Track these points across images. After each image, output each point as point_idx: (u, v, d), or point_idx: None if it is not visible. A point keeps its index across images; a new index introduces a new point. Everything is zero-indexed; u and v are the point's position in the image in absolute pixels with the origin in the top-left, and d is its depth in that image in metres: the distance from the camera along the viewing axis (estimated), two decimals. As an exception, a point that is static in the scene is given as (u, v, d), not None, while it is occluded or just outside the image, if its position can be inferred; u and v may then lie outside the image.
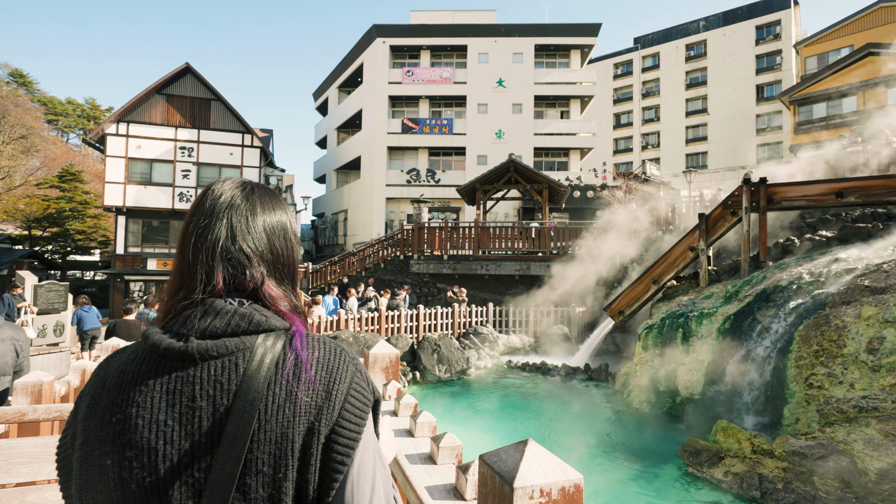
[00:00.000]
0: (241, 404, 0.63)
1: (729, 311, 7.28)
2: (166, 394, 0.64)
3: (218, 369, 0.65)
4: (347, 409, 0.67)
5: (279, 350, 0.67)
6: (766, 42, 39.59)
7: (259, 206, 0.76)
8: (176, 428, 0.62)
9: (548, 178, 16.13)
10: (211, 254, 0.71)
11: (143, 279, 23.46)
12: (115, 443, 0.62)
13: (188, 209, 0.82)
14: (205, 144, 23.64)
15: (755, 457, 5.19)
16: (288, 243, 0.78)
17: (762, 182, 9.03)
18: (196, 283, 0.70)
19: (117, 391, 0.65)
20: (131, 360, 0.68)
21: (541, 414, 8.49)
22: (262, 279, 0.73)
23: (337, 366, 0.69)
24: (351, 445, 0.66)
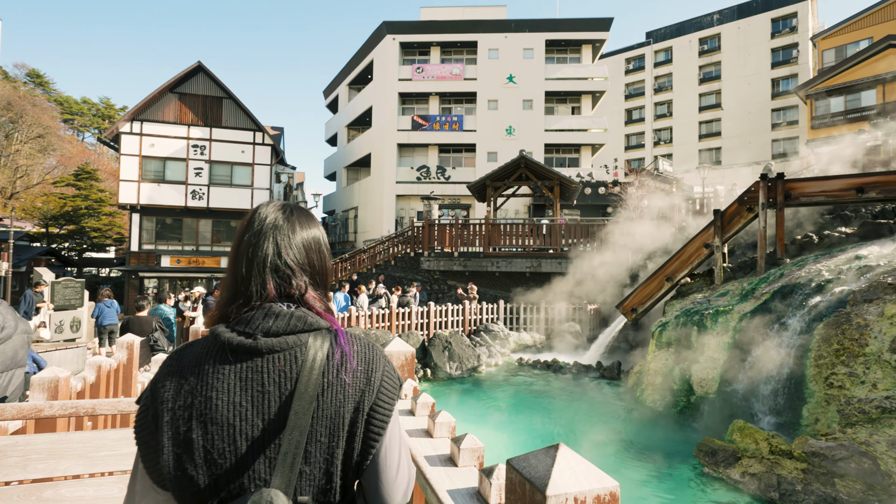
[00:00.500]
0: (302, 389, 0.77)
1: (745, 308, 7.16)
2: (240, 381, 0.77)
3: (281, 361, 0.79)
4: (382, 391, 0.84)
5: (327, 345, 0.82)
6: (782, 35, 38.82)
7: (298, 225, 0.90)
8: (249, 408, 0.76)
9: (559, 174, 16.00)
10: (262, 268, 0.84)
11: (157, 276, 23.76)
12: (199, 420, 0.75)
13: (237, 229, 0.93)
14: (217, 142, 23.83)
15: (773, 457, 5.09)
16: (321, 255, 0.92)
17: (779, 177, 8.85)
18: (252, 292, 0.83)
19: (197, 378, 0.77)
20: (204, 353, 0.80)
21: (553, 412, 8.43)
22: (306, 287, 0.87)
23: (373, 358, 0.86)
24: (385, 420, 0.83)
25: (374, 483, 0.83)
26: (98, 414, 1.84)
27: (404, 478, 0.85)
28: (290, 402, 0.77)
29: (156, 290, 23.85)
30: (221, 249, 24.17)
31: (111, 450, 1.73)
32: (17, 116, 33.80)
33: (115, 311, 9.56)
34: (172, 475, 0.75)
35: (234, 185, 23.93)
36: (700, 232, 9.87)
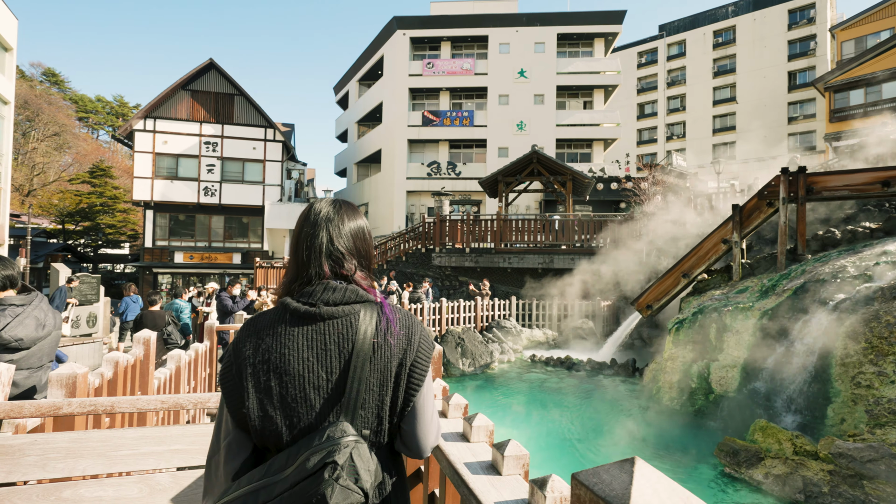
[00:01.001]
0: (359, 348, 0.95)
1: (767, 305, 6.99)
2: (306, 340, 0.95)
3: (339, 326, 0.97)
4: (420, 351, 1.02)
5: (376, 314, 1.00)
6: (800, 27, 37.98)
7: (346, 217, 1.09)
8: (315, 363, 0.94)
9: (572, 169, 15.82)
10: (318, 254, 1.03)
11: (171, 271, 24.00)
12: (275, 372, 0.93)
13: (297, 222, 1.10)
14: (228, 139, 23.94)
15: (798, 458, 4.96)
16: (366, 242, 1.11)
17: (801, 171, 8.63)
18: (311, 273, 1.02)
19: (272, 339, 0.95)
20: (276, 319, 0.98)
21: (568, 409, 8.34)
22: (355, 269, 1.06)
23: (412, 324, 1.04)
24: (423, 374, 1.01)
25: (413, 424, 1.00)
26: (117, 412, 1.80)
27: (435, 423, 1.04)
28: (349, 359, 0.95)
29: (169, 286, 24.10)
30: (234, 245, 24.33)
31: (130, 449, 1.68)
32: (34, 115, 34.30)
33: (139, 307, 9.61)
34: (256, 416, 0.93)
35: (246, 182, 24.05)
36: (718, 227, 9.68)
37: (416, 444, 1.00)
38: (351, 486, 0.83)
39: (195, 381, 5.10)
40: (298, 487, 0.82)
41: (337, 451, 0.85)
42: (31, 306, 2.45)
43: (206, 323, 5.85)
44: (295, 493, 0.82)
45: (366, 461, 0.87)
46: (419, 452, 1.01)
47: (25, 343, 2.34)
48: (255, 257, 20.60)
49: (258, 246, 24.37)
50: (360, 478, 0.85)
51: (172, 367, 4.30)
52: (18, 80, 35.21)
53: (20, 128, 33.60)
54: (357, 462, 0.85)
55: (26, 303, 2.43)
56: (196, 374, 5.17)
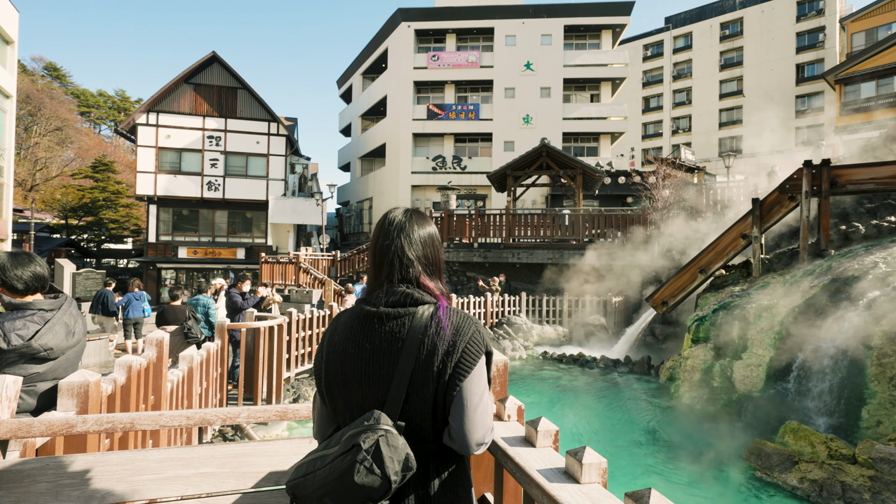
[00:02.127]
0: (409, 345, 1.03)
1: (793, 302, 6.76)
2: (368, 334, 1.07)
3: (394, 325, 1.06)
4: (468, 347, 1.04)
5: (428, 316, 1.06)
6: (808, 18, 37.45)
7: (416, 226, 1.16)
8: (371, 356, 1.05)
9: (582, 163, 15.56)
10: (391, 261, 1.12)
11: (175, 267, 23.85)
12: (343, 359, 1.07)
13: (374, 229, 1.20)
14: (232, 133, 23.71)
15: (834, 462, 4.76)
16: (435, 248, 1.18)
17: (825, 164, 8.38)
18: (383, 278, 1.12)
19: (342, 333, 1.10)
20: (350, 316, 1.12)
21: (583, 409, 8.15)
22: (420, 274, 1.13)
23: (462, 327, 1.06)
24: (467, 368, 1.02)
25: (458, 418, 1.02)
26: (137, 429, 1.59)
27: (483, 419, 1.03)
28: (398, 355, 1.03)
29: (174, 282, 23.96)
30: (237, 241, 24.16)
31: (154, 472, 1.48)
32: (36, 109, 34.09)
33: (144, 307, 9.41)
34: (327, 393, 1.09)
35: (250, 176, 23.83)
36: (737, 222, 9.44)
37: (460, 437, 1.02)
38: (374, 470, 0.91)
39: (207, 381, 4.92)
40: (336, 461, 0.94)
41: (367, 436, 0.93)
42: (61, 311, 2.20)
43: (217, 321, 5.66)
44: (334, 465, 0.94)
45: (394, 450, 0.93)
46: (464, 447, 1.03)
47: (55, 353, 2.11)
48: (260, 252, 20.43)
49: (262, 241, 24.19)
50: (384, 464, 0.91)
51: (185, 368, 4.12)
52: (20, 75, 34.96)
53: (22, 122, 33.41)
54: (384, 449, 0.92)
55: (55, 307, 2.18)
56: (208, 374, 4.99)
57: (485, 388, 1.06)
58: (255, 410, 1.73)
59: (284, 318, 6.70)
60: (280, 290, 14.72)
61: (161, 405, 3.27)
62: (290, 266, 15.11)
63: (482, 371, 1.06)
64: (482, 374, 1.06)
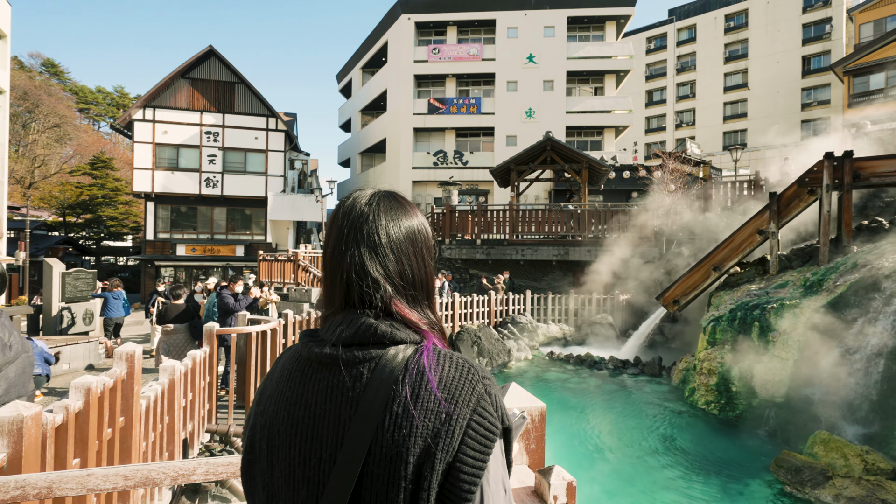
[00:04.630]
0: (361, 415, 0.65)
1: (818, 302, 6.38)
2: (305, 393, 0.70)
3: (345, 377, 0.68)
4: (470, 434, 0.64)
5: (402, 365, 0.67)
6: (815, 9, 36.79)
7: (387, 220, 0.76)
8: (310, 426, 0.67)
9: (588, 157, 15.13)
10: (346, 277, 0.74)
11: (173, 264, 23.53)
12: (269, 430, 0.71)
13: (328, 226, 0.83)
14: (230, 129, 23.32)
15: (873, 478, 4.39)
16: (418, 258, 0.77)
17: (847, 156, 7.97)
18: (338, 302, 0.75)
19: (277, 384, 0.74)
20: (290, 358, 0.76)
21: (594, 414, 7.78)
22: (390, 300, 0.73)
23: (461, 387, 0.66)
24: (474, 475, 0.63)
25: None
26: (56, 495, 1.22)
27: None
28: (346, 429, 0.65)
29: (172, 279, 23.65)
30: (236, 238, 23.82)
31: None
32: (34, 106, 33.69)
33: (124, 304, 9.11)
34: (245, 485, 0.74)
35: (248, 173, 23.46)
36: (753, 217, 9.04)
37: None
38: None
39: (193, 392, 4.56)
40: None
41: None
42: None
43: (205, 325, 5.30)
44: None
45: None
46: None
47: None
48: (259, 250, 20.08)
49: (261, 238, 23.84)
50: None
51: (165, 381, 3.76)
52: (17, 71, 34.57)
53: (20, 119, 33.04)
54: None
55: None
56: (194, 383, 4.63)
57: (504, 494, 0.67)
58: (215, 464, 1.35)
59: (279, 322, 6.34)
60: (278, 288, 14.37)
61: (132, 428, 2.90)
62: (289, 264, 14.75)
63: (498, 467, 0.66)
64: (498, 471, 0.66)
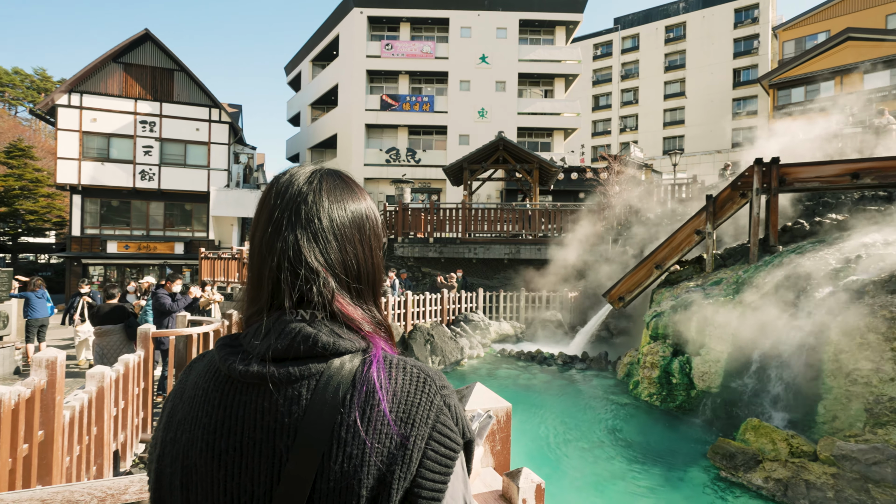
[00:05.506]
0: (301, 445, 0.55)
1: (749, 298, 6.83)
2: (228, 419, 0.58)
3: (280, 400, 0.57)
4: (429, 456, 0.57)
5: (348, 381, 0.58)
6: (745, 26, 39.55)
7: (331, 201, 0.66)
8: (236, 459, 0.57)
9: (539, 157, 15.47)
10: (277, 267, 0.62)
11: (103, 262, 21.87)
12: (183, 463, 0.59)
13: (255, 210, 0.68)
14: (168, 119, 21.95)
15: (797, 461, 4.74)
16: (364, 247, 0.68)
17: (774, 162, 8.58)
18: (264, 301, 0.63)
19: (190, 406, 0.61)
20: (205, 372, 0.63)
21: (543, 409, 7.95)
22: (332, 296, 0.63)
23: (418, 402, 0.59)
24: (433, 499, 0.57)
25: None
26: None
27: None
28: (284, 461, 0.55)
29: (101, 278, 21.98)
30: (175, 235, 22.48)
31: None
32: (-64, 86, 30.19)
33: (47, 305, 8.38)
34: None
35: (189, 166, 22.19)
36: (691, 218, 9.56)
37: None
38: None
39: (125, 400, 4.22)
40: None
41: None
42: None
43: (140, 327, 4.93)
44: None
45: None
46: None
47: None
48: (200, 248, 19.04)
49: (203, 235, 22.65)
50: None
51: (93, 389, 3.45)
52: (-85, 46, 30.82)
53: (-82, 100, 29.52)
54: None
55: None
56: (126, 391, 4.29)
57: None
58: (149, 481, 1.22)
59: (223, 323, 6.01)
60: (222, 288, 13.69)
61: (53, 442, 2.63)
62: (234, 262, 14.08)
63: (458, 484, 0.60)
64: (458, 489, 0.60)
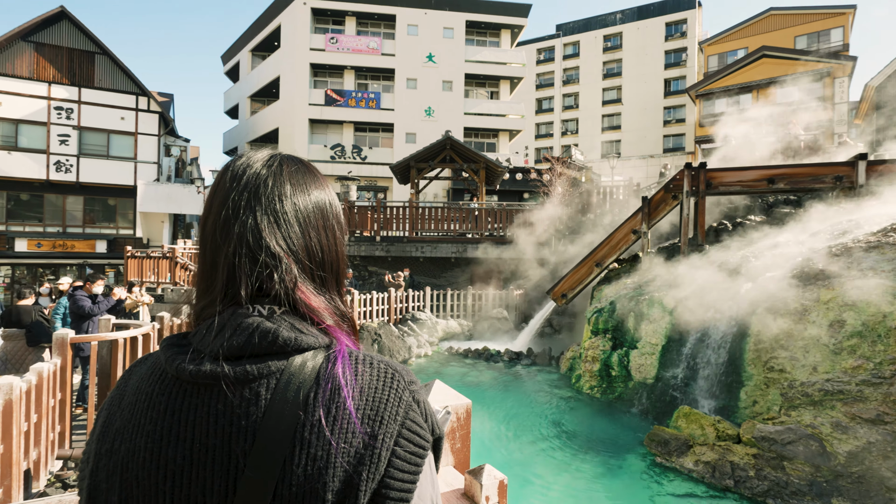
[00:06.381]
0: (261, 449, 0.51)
1: (680, 294, 7.27)
2: (177, 425, 0.53)
3: (236, 401, 0.53)
4: (398, 454, 0.55)
5: (312, 378, 0.55)
6: (674, 39, 42.20)
7: (290, 188, 0.63)
8: (186, 469, 0.52)
9: (486, 157, 15.69)
10: (233, 253, 0.58)
11: (11, 262, 19.76)
12: (122, 477, 0.53)
13: (207, 193, 0.65)
14: (88, 105, 20.18)
15: (724, 444, 5.10)
16: (328, 233, 0.65)
17: (702, 167, 9.21)
18: (217, 292, 0.58)
19: (130, 413, 0.56)
20: (147, 376, 0.58)
21: (490, 404, 8.07)
22: (294, 284, 0.59)
23: (386, 398, 0.56)
24: (401, 500, 0.54)
25: None
26: None
27: None
28: (241, 468, 0.51)
29: (8, 280, 19.86)
30: (97, 232, 20.73)
31: None
32: None
33: None
34: None
35: (112, 158, 20.53)
36: (628, 218, 10.05)
37: None
38: None
39: (38, 413, 3.81)
40: None
41: None
42: None
43: (57, 333, 4.47)
44: None
45: None
46: None
47: None
48: (126, 246, 17.67)
49: (129, 232, 21.06)
50: None
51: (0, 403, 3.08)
52: None
53: None
54: None
55: None
56: (40, 403, 3.88)
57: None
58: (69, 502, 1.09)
59: (153, 326, 5.59)
60: (151, 289, 12.78)
61: (-52, 464, 2.31)
62: (165, 261, 13.18)
63: (426, 485, 0.57)
64: (426, 490, 0.57)
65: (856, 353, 4.81)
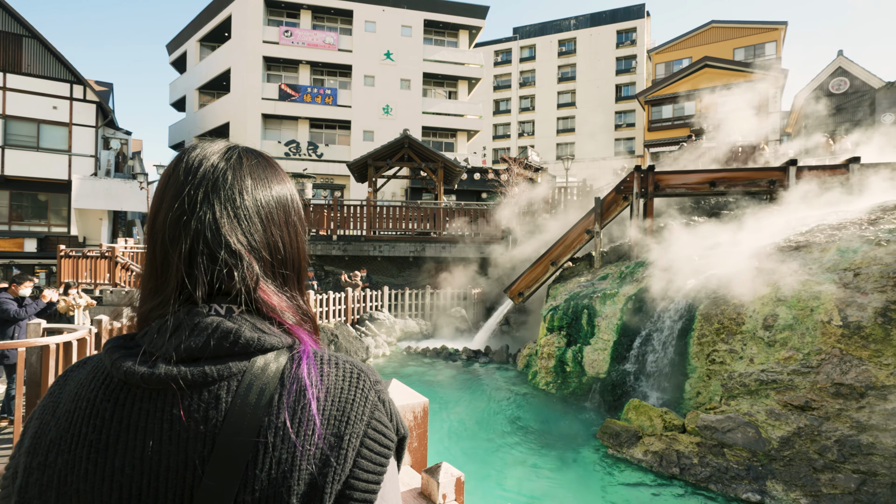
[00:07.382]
0: (221, 455, 0.48)
1: (629, 291, 7.57)
2: (125, 432, 0.49)
3: (194, 405, 0.50)
4: (364, 455, 0.54)
5: (276, 380, 0.52)
6: (625, 46, 43.87)
7: (250, 182, 0.60)
8: (136, 479, 0.48)
9: (444, 157, 15.72)
10: (189, 250, 0.55)
11: (-77, 263, 17.96)
12: (59, 492, 0.49)
13: (156, 189, 0.61)
14: (14, 93, 18.66)
15: (670, 434, 5.35)
16: (290, 230, 0.62)
17: (650, 170, 9.62)
18: (170, 291, 0.55)
19: (68, 422, 0.51)
20: (88, 381, 0.53)
21: (448, 402, 8.10)
22: (256, 282, 0.57)
23: (353, 398, 0.55)
24: (365, 501, 0.53)
25: None
26: None
27: None
28: (199, 476, 0.48)
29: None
30: (25, 229, 19.20)
31: None
32: None
33: None
34: None
35: (43, 150, 19.08)
36: (582, 219, 10.36)
37: None
38: None
39: (-45, 427, 3.48)
40: None
41: None
42: None
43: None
44: None
45: None
46: None
47: None
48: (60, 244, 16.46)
49: (63, 230, 19.62)
50: None
51: None
52: None
53: None
54: None
55: None
56: (-43, 416, 3.54)
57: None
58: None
59: (90, 330, 5.22)
60: (88, 290, 11.96)
61: None
62: (103, 261, 12.39)
63: (389, 487, 0.56)
64: (388, 493, 0.56)
65: (787, 345, 5.18)
